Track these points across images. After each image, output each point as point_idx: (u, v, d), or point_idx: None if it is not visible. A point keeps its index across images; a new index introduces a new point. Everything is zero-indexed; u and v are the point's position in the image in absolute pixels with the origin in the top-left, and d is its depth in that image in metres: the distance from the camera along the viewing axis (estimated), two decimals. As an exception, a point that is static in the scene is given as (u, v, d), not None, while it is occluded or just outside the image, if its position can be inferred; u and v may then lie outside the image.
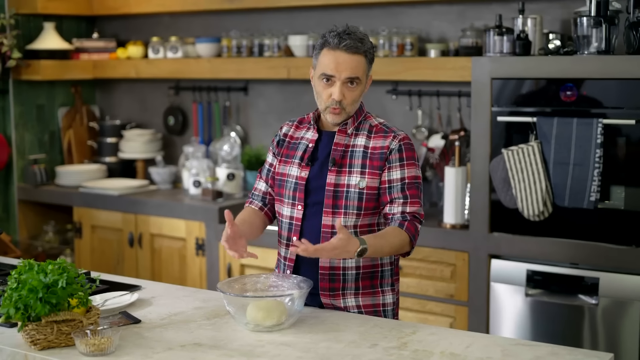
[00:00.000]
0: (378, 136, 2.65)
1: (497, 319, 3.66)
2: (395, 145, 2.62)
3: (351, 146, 2.64)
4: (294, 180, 2.66)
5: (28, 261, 2.28)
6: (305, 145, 2.69)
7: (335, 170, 2.61)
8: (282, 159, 2.74)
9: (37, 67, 5.17)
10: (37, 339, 2.22)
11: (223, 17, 5.16)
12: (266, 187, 2.80)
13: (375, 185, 2.60)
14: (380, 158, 2.61)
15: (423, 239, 3.91)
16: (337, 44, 2.56)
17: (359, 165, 2.61)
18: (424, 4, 4.47)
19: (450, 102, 4.43)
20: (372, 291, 2.65)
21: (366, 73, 2.62)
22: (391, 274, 2.70)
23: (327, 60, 2.57)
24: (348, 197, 2.59)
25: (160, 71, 5.20)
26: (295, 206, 2.65)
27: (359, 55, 2.57)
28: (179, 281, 4.68)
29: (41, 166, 5.29)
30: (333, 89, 2.58)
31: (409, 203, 2.59)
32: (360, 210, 2.60)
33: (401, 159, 2.61)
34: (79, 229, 5.10)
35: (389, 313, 2.68)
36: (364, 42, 2.58)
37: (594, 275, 3.44)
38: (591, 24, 3.42)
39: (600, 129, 3.35)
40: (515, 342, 2.30)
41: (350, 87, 2.58)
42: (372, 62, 2.64)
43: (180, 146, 5.44)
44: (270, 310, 2.35)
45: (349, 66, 2.55)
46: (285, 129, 2.79)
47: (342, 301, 2.62)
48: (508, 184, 3.55)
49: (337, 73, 2.56)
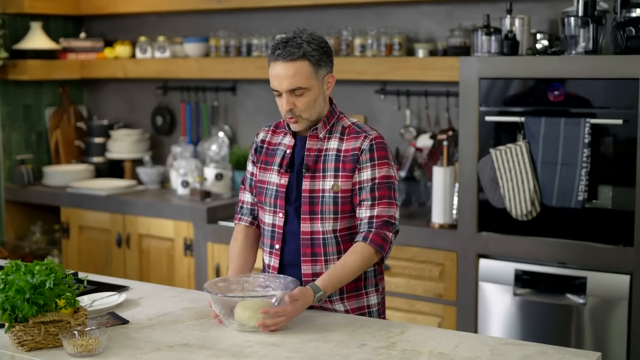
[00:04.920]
0: (350, 138, 2.59)
1: (486, 319, 3.67)
2: (367, 145, 2.56)
3: (324, 150, 2.61)
4: (275, 188, 2.64)
5: (15, 262, 2.27)
6: (283, 152, 2.66)
7: (309, 176, 2.59)
8: (262, 166, 2.72)
9: (24, 66, 5.14)
10: (24, 340, 2.21)
11: (211, 17, 5.15)
12: (252, 198, 2.78)
13: (349, 188, 2.57)
14: (352, 160, 2.57)
15: (411, 239, 3.92)
16: (273, 55, 2.52)
17: (332, 169, 2.57)
18: (412, 4, 4.47)
19: (438, 102, 4.44)
20: (357, 294, 2.64)
21: (314, 77, 2.52)
22: (374, 275, 2.68)
23: (271, 73, 2.55)
24: (324, 202, 2.57)
25: (148, 71, 5.19)
26: (277, 213, 2.64)
27: (299, 61, 2.49)
28: (167, 282, 4.67)
29: (28, 166, 5.26)
30: (282, 100, 2.55)
31: (376, 205, 2.53)
32: (337, 214, 2.57)
33: (372, 158, 2.56)
34: (66, 230, 5.08)
35: (374, 314, 2.68)
36: (302, 46, 2.49)
37: (581, 275, 3.45)
38: (579, 24, 3.43)
39: (588, 128, 3.36)
40: (504, 341, 2.31)
41: (298, 95, 2.53)
42: (320, 62, 2.53)
43: (168, 146, 5.43)
44: (256, 311, 2.35)
45: (287, 76, 2.50)
46: (262, 135, 2.75)
47: (330, 306, 2.61)
48: (496, 184, 3.56)
49: (278, 86, 2.53)
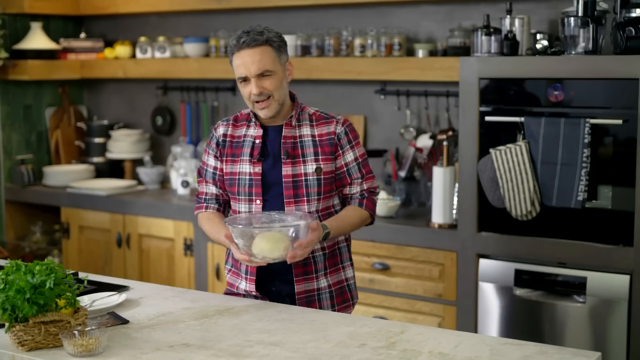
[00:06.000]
0: (320, 124, 2.80)
1: (486, 319, 3.67)
2: (341, 130, 2.79)
3: (299, 137, 2.77)
4: (248, 177, 2.77)
5: (15, 262, 2.27)
6: (252, 142, 2.79)
7: (289, 162, 2.74)
8: (228, 159, 2.82)
9: (24, 67, 5.15)
10: (24, 340, 2.21)
11: (211, 17, 5.15)
12: (217, 190, 2.88)
13: (329, 169, 2.77)
14: (330, 144, 2.77)
15: (411, 239, 3.93)
16: (237, 44, 2.70)
17: (312, 154, 2.76)
18: (412, 4, 4.47)
19: (438, 102, 4.44)
20: (336, 268, 2.83)
21: (278, 61, 2.72)
22: (348, 249, 2.89)
23: (236, 63, 2.72)
24: (307, 185, 2.73)
25: (148, 71, 5.19)
26: (253, 201, 2.76)
27: (262, 46, 2.68)
28: (167, 281, 4.68)
29: (28, 166, 5.27)
30: (251, 86, 2.70)
31: (365, 180, 2.82)
32: (320, 195, 2.76)
33: (349, 140, 2.80)
34: (66, 230, 5.09)
35: (352, 286, 2.88)
36: (264, 33, 2.70)
37: (581, 275, 3.45)
38: (578, 24, 3.43)
39: (588, 128, 3.36)
40: (504, 341, 2.31)
41: (265, 78, 2.69)
42: (281, 48, 2.73)
43: (168, 146, 5.43)
44: (277, 242, 2.46)
45: (254, 60, 2.67)
46: (223, 129, 2.86)
47: (315, 283, 2.77)
48: (496, 184, 3.56)
49: (246, 71, 2.69)
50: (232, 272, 2.87)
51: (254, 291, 2.77)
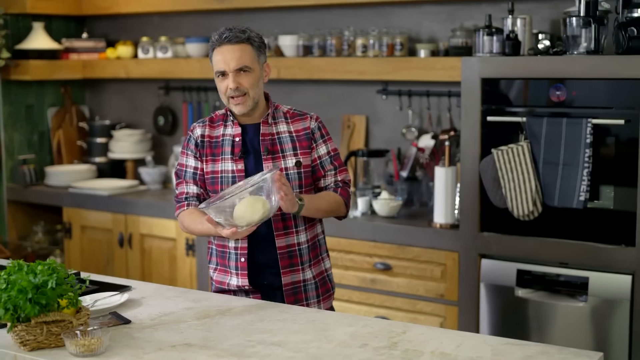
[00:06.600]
0: (295, 120, 2.89)
1: (487, 319, 3.67)
2: (315, 125, 2.89)
3: (276, 134, 2.85)
4: (231, 175, 2.82)
5: (17, 262, 2.27)
6: (231, 141, 2.84)
7: (270, 158, 2.82)
8: (209, 159, 2.87)
9: (26, 67, 5.15)
10: (26, 340, 2.21)
11: (213, 17, 5.15)
12: (198, 189, 2.91)
13: (308, 163, 2.87)
14: (307, 138, 2.87)
15: (413, 239, 3.93)
16: (219, 40, 2.78)
17: (291, 149, 2.85)
18: (414, 4, 4.47)
19: (440, 102, 4.44)
20: (317, 260, 2.91)
21: (256, 60, 2.80)
22: (325, 241, 2.98)
23: (216, 58, 2.79)
24: (289, 179, 2.81)
25: (150, 71, 5.19)
26: None
27: (243, 44, 2.77)
28: (169, 281, 4.68)
29: (30, 166, 5.27)
30: (228, 81, 2.77)
31: (338, 172, 2.92)
32: (302, 188, 2.84)
33: (322, 135, 2.90)
34: (68, 230, 5.09)
35: (331, 276, 2.97)
36: (246, 32, 2.78)
37: (583, 275, 3.45)
38: (580, 24, 3.43)
39: (590, 128, 3.36)
40: (505, 341, 2.31)
41: (243, 74, 2.76)
42: (260, 49, 2.81)
43: (170, 146, 5.43)
44: (254, 204, 2.51)
45: (234, 56, 2.75)
46: (200, 130, 2.91)
47: (301, 275, 2.84)
48: (498, 184, 3.56)
49: (225, 66, 2.76)
50: (219, 270, 2.88)
51: (247, 285, 2.78)
